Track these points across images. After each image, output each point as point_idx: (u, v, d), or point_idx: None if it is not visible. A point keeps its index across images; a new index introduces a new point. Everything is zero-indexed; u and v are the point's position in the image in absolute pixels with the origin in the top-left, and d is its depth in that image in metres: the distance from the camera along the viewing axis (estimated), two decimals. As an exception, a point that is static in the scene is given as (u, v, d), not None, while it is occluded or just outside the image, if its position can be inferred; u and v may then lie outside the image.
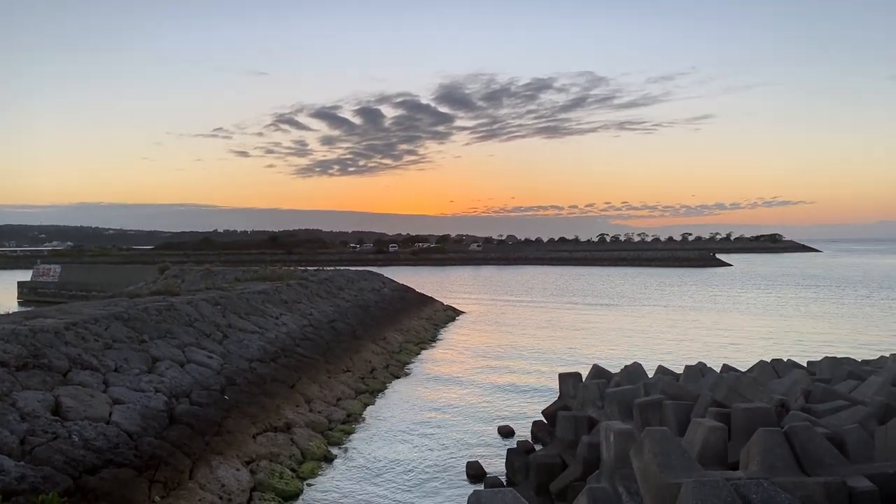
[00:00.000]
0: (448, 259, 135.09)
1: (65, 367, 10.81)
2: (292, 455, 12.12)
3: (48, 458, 8.16)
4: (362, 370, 20.37)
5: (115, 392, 10.76)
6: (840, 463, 7.22)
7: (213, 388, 13.02)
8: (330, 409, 15.63)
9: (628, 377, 13.67)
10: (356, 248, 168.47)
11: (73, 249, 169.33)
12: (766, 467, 6.94)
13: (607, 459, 8.18)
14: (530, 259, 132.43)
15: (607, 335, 30.61)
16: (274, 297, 23.98)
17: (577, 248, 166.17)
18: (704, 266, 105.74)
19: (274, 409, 13.54)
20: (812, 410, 9.34)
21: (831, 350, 22.96)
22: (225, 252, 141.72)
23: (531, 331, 32.63)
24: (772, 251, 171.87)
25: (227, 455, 10.75)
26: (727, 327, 33.26)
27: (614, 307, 43.97)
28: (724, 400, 9.93)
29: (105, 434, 9.24)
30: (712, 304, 45.27)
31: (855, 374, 12.12)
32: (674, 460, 6.64)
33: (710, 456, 7.64)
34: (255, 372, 15.17)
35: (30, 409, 8.99)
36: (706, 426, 7.91)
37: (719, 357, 21.46)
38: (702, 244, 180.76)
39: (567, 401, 14.25)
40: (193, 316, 17.11)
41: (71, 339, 11.98)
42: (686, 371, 13.73)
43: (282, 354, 17.52)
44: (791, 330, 31.94)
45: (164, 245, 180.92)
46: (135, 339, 13.61)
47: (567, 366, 20.20)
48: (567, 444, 11.20)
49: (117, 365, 11.88)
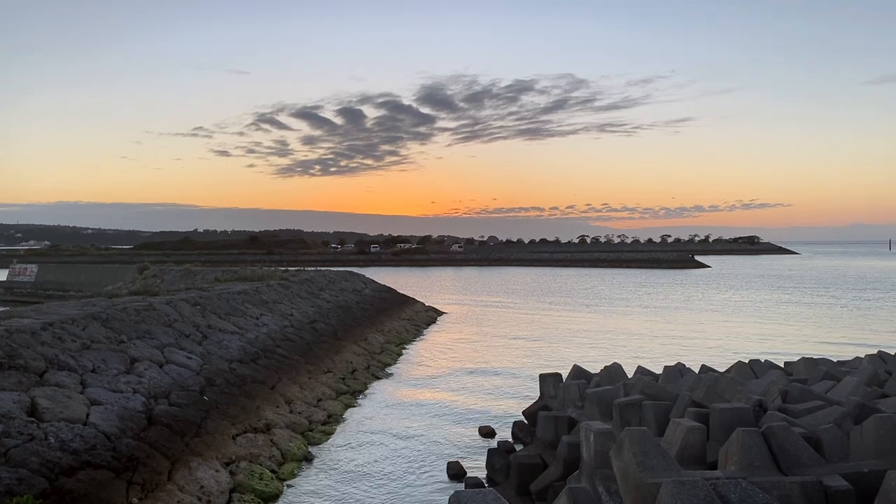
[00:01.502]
0: (429, 260, 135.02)
1: (41, 367, 10.67)
2: (272, 456, 12.05)
3: (24, 459, 8.05)
4: (343, 371, 20.30)
5: (92, 393, 10.63)
6: (817, 462, 7.31)
7: (193, 388, 12.91)
8: (310, 409, 15.56)
9: (608, 377, 13.76)
10: (337, 249, 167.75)
11: (51, 249, 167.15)
12: (745, 467, 7.01)
13: (587, 459, 8.22)
14: (511, 260, 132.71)
15: (587, 336, 30.75)
16: (254, 298, 23.84)
17: (558, 249, 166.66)
18: (683, 267, 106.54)
19: (254, 410, 13.46)
20: (789, 410, 9.44)
21: (808, 351, 23.25)
22: (205, 252, 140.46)
23: (512, 331, 32.71)
24: (750, 253, 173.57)
25: (207, 456, 10.67)
26: (705, 328, 33.56)
27: (594, 308, 44.19)
28: (703, 400, 10.02)
29: (82, 435, 9.13)
30: (691, 305, 45.65)
31: (831, 374, 12.28)
32: (653, 460, 6.69)
33: (689, 456, 7.70)
34: (235, 373, 15.07)
35: (5, 410, 8.86)
36: (685, 426, 7.97)
37: (698, 358, 21.66)
38: (681, 246, 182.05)
39: (547, 401, 14.31)
40: (173, 316, 16.96)
41: (48, 339, 11.83)
42: (665, 371, 13.84)
43: (262, 355, 17.42)
44: (768, 331, 32.30)
45: (143, 245, 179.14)
46: (113, 339, 13.47)
47: (547, 366, 20.27)
48: (547, 444, 11.24)
49: (95, 365, 11.75)
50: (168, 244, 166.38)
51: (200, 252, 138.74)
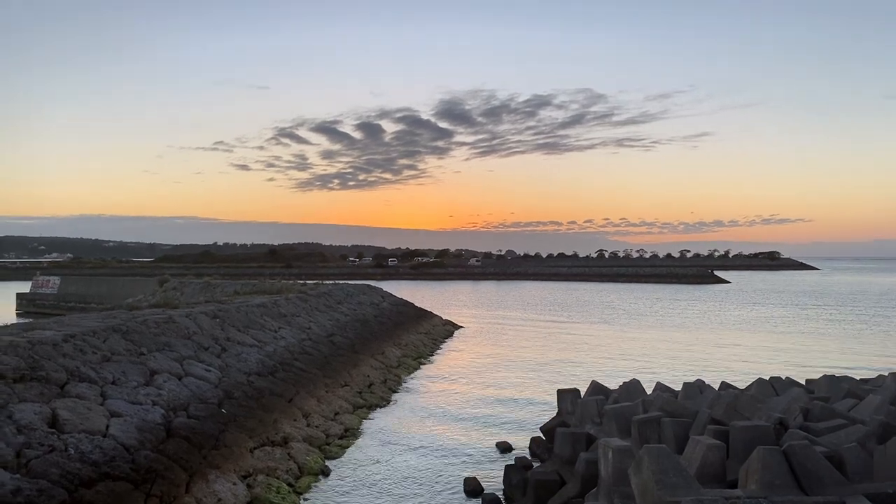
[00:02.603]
0: (447, 274, 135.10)
1: (62, 379, 10.79)
2: (289, 469, 12.07)
3: (44, 471, 8.13)
4: (360, 385, 20.31)
5: (112, 405, 10.73)
6: (839, 482, 7.20)
7: (211, 401, 12.98)
8: (327, 423, 15.58)
9: (627, 394, 13.65)
10: (355, 262, 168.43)
11: (73, 261, 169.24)
12: (765, 486, 6.92)
13: (605, 477, 8.16)
14: (529, 274, 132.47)
15: (605, 351, 30.56)
16: (273, 311, 23.97)
17: (576, 263, 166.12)
18: (702, 283, 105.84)
19: (271, 423, 13.50)
20: (811, 429, 9.32)
21: (830, 368, 22.92)
22: (224, 265, 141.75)
23: (529, 346, 32.58)
24: (770, 268, 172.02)
25: (224, 469, 10.71)
26: (725, 344, 33.23)
27: (613, 323, 43.93)
28: (723, 417, 9.92)
29: (102, 447, 9.21)
30: (710, 321, 45.25)
31: (854, 392, 12.09)
32: (672, 478, 6.63)
33: (708, 474, 7.62)
34: (253, 385, 15.13)
35: (26, 421, 8.96)
36: (705, 444, 7.89)
37: (718, 374, 21.44)
38: (700, 261, 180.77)
39: (565, 417, 14.22)
40: (192, 329, 17.09)
41: (69, 351, 11.96)
42: (684, 388, 13.70)
43: (280, 368, 17.49)
44: (789, 347, 31.91)
45: (163, 258, 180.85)
46: (133, 351, 13.59)
47: (565, 382, 20.17)
48: (565, 460, 11.16)
49: (115, 378, 11.85)
50: (188, 257, 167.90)
51: (220, 265, 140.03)
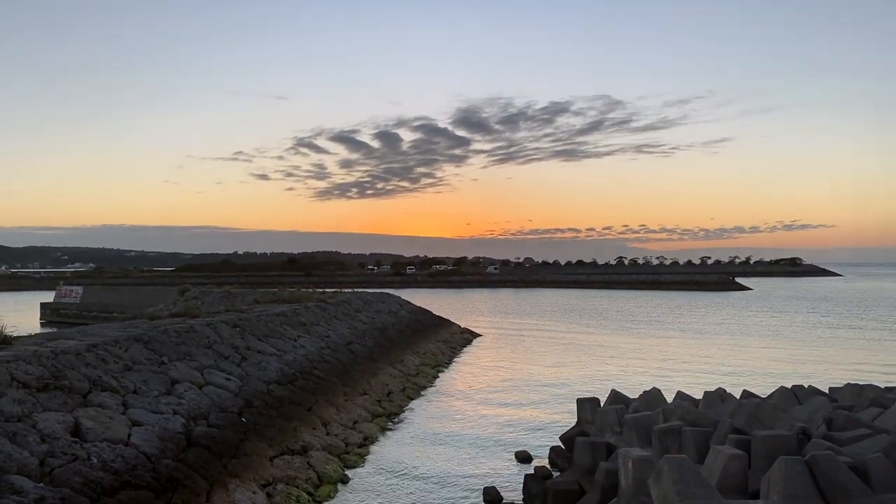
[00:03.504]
0: (465, 281, 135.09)
1: (85, 388, 10.91)
2: (309, 478, 12.11)
3: (67, 479, 8.22)
4: (379, 393, 20.34)
5: (134, 414, 10.83)
6: (863, 493, 7.09)
7: (231, 410, 13.07)
8: (346, 431, 15.61)
9: (647, 403, 13.55)
10: (374, 270, 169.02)
11: (95, 271, 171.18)
12: (787, 497, 6.84)
13: (625, 486, 8.11)
14: (547, 282, 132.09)
15: (626, 360, 30.37)
16: (292, 320, 24.09)
17: (595, 271, 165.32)
18: (724, 290, 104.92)
19: (291, 432, 13.56)
20: (834, 438, 9.20)
21: (853, 376, 22.60)
22: (245, 274, 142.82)
23: (549, 354, 32.46)
24: (792, 275, 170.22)
25: (244, 478, 10.76)
26: (747, 352, 32.89)
27: (633, 331, 43.66)
28: (745, 427, 9.81)
29: (123, 456, 9.30)
30: (732, 328, 44.82)
31: (878, 401, 11.92)
32: (693, 488, 6.58)
33: (729, 484, 7.55)
34: (273, 394, 15.21)
35: (50, 430, 9.07)
36: (726, 454, 7.82)
37: (739, 383, 21.23)
38: (721, 268, 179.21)
39: (585, 426, 14.14)
40: (212, 338, 17.22)
41: (91, 360, 12.09)
42: (705, 397, 13.58)
43: (299, 377, 17.56)
44: (812, 355, 31.53)
45: (184, 267, 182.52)
46: (154, 360, 13.72)
47: (585, 391, 20.07)
48: (585, 470, 11.10)
49: (136, 387, 11.97)
50: (208, 266, 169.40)
51: (240, 274, 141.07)
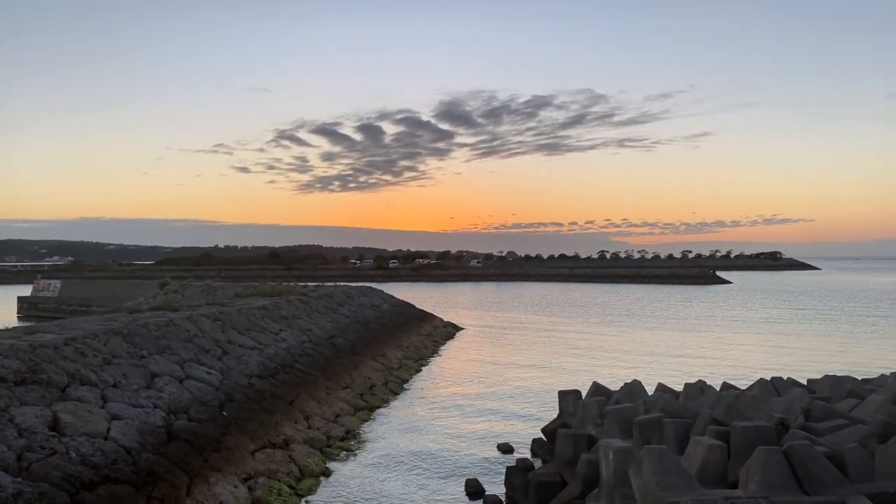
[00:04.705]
0: (448, 275, 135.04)
1: (63, 382, 10.79)
2: (290, 472, 12.07)
3: (45, 474, 8.13)
4: (361, 387, 20.31)
5: (113, 408, 10.74)
6: (840, 482, 7.19)
7: (212, 404, 12.99)
8: (328, 425, 15.58)
9: (628, 395, 13.64)
10: (356, 264, 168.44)
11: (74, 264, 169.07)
12: (766, 486, 6.91)
13: (607, 478, 8.16)
14: (530, 275, 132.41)
15: (607, 352, 30.55)
16: (273, 313, 23.97)
17: (577, 264, 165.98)
18: (704, 283, 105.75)
19: (272, 426, 13.50)
20: (812, 429, 9.30)
21: (831, 368, 22.89)
22: (225, 267, 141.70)
23: (531, 347, 32.57)
24: (771, 269, 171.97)
25: (225, 472, 10.71)
26: (727, 345, 33.20)
27: (614, 324, 43.91)
28: (724, 418, 9.91)
29: (103, 450, 9.21)
30: (712, 322, 45.22)
31: (855, 392, 12.07)
32: (673, 479, 6.63)
33: (709, 474, 7.61)
34: (254, 388, 15.14)
35: (27, 424, 8.97)
36: (706, 444, 7.88)
37: (719, 375, 21.42)
38: (702, 261, 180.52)
39: (567, 418, 14.21)
40: (193, 332, 17.10)
41: (70, 354, 11.97)
42: (686, 389, 13.69)
43: (281, 370, 17.49)
44: (791, 347, 31.89)
45: (164, 260, 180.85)
46: (134, 354, 13.60)
47: (567, 383, 20.14)
48: (567, 461, 11.15)
49: (116, 380, 11.86)
50: (189, 260, 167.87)
51: (221, 267, 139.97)
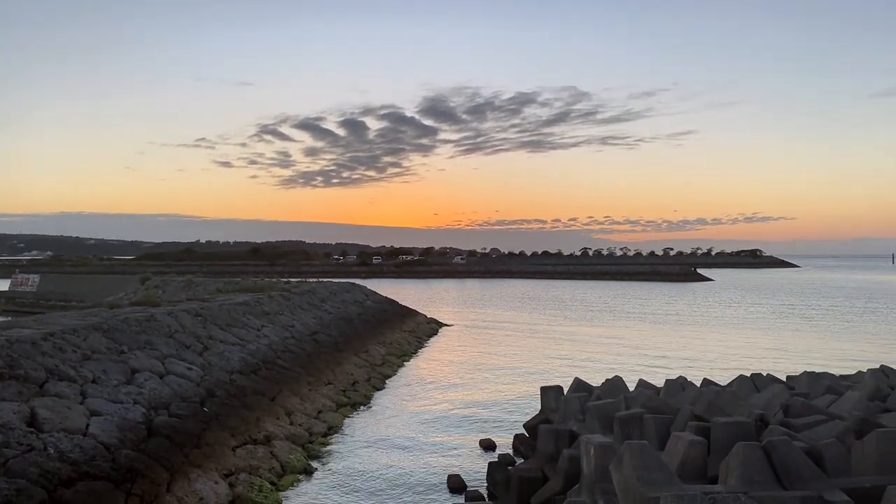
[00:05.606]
0: (432, 272, 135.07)
1: (41, 378, 10.66)
2: (272, 468, 12.02)
3: (22, 470, 8.04)
4: (344, 383, 20.27)
5: (92, 403, 10.62)
6: (817, 477, 7.27)
7: (193, 400, 12.89)
8: (311, 421, 15.53)
9: (609, 391, 13.72)
10: (340, 260, 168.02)
11: (53, 259, 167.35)
12: (745, 481, 6.98)
13: (588, 473, 8.19)
14: (514, 272, 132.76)
15: (589, 349, 30.69)
16: (256, 309, 23.84)
17: (560, 261, 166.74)
18: (686, 281, 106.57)
19: (254, 422, 13.44)
20: (791, 425, 9.40)
21: (810, 365, 23.16)
22: (207, 263, 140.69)
23: (513, 344, 32.66)
24: (752, 266, 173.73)
25: (206, 468, 10.64)
26: (707, 341, 33.48)
27: (596, 321, 44.13)
28: (704, 414, 9.98)
29: (81, 446, 9.12)
30: (693, 319, 45.58)
31: (833, 388, 12.23)
32: (653, 474, 6.67)
33: (689, 470, 7.67)
34: (236, 384, 15.05)
35: (4, 420, 8.85)
36: (686, 440, 7.95)
37: (700, 371, 21.59)
38: (683, 259, 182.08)
39: (548, 414, 14.27)
40: (174, 327, 16.96)
41: (48, 349, 11.82)
42: (667, 385, 13.80)
43: (263, 366, 17.40)
44: (770, 344, 32.21)
45: (145, 255, 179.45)
46: (114, 350, 13.46)
47: (549, 379, 20.21)
48: (548, 457, 11.20)
49: (95, 376, 11.74)
50: (170, 255, 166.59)
51: (202, 263, 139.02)
